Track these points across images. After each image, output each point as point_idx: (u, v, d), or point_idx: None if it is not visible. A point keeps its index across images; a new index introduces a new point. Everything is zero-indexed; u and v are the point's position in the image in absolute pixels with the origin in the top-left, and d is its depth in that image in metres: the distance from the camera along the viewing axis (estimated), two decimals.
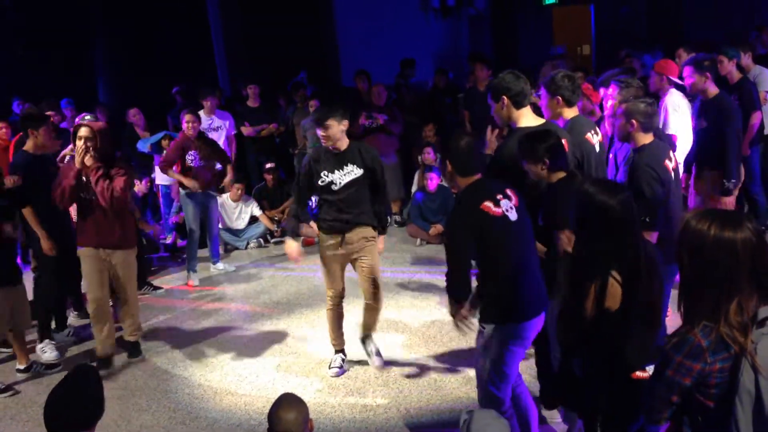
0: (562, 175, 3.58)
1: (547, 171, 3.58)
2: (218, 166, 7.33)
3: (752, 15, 11.06)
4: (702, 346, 2.04)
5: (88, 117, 6.00)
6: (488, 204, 3.35)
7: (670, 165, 4.05)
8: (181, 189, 7.31)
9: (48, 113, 7.29)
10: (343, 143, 4.73)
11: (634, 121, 3.99)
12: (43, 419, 2.59)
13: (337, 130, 4.63)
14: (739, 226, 2.04)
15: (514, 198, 3.44)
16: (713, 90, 5.53)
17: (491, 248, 3.33)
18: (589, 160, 4.08)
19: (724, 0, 11.29)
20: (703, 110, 5.61)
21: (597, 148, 4.19)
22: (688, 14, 11.93)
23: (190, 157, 7.13)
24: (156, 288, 7.12)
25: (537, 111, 4.21)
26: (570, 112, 4.19)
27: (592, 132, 4.20)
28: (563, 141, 3.95)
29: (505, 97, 3.88)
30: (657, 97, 5.69)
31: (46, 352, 5.68)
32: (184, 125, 7.16)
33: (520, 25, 13.23)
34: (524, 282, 3.35)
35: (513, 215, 3.38)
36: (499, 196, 3.40)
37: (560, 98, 4.14)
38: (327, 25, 12.96)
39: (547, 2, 12.85)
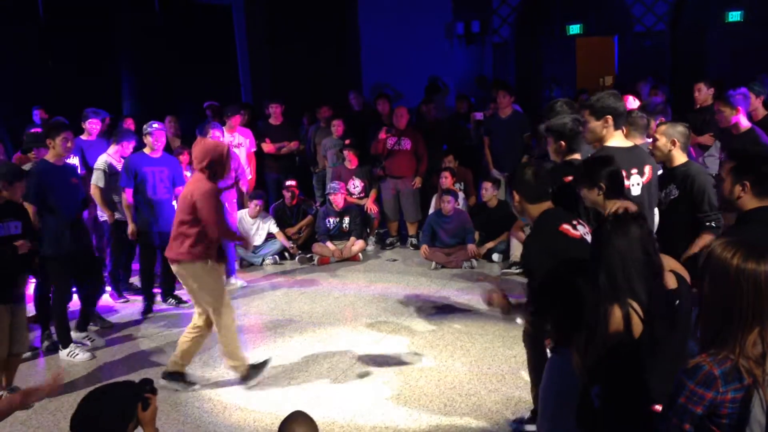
0: (617, 204, 3.33)
1: (603, 197, 3.44)
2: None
3: None
4: (714, 374, 2.02)
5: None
6: (567, 227, 3.35)
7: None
8: None
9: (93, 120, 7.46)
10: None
11: (675, 140, 4.36)
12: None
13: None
14: (764, 258, 2.02)
15: (585, 226, 3.48)
16: (743, 125, 5.54)
17: None
18: None
19: (746, 37, 11.28)
20: (725, 144, 5.61)
21: None
22: (711, 50, 11.92)
23: None
24: (182, 301, 7.13)
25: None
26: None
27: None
28: (647, 168, 3.92)
29: (609, 117, 3.89)
30: None
31: (78, 354, 5.66)
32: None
33: (544, 54, 13.30)
34: None
35: (590, 239, 3.35)
36: (575, 222, 3.43)
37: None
38: (352, 47, 13.09)
39: (571, 32, 12.92)
